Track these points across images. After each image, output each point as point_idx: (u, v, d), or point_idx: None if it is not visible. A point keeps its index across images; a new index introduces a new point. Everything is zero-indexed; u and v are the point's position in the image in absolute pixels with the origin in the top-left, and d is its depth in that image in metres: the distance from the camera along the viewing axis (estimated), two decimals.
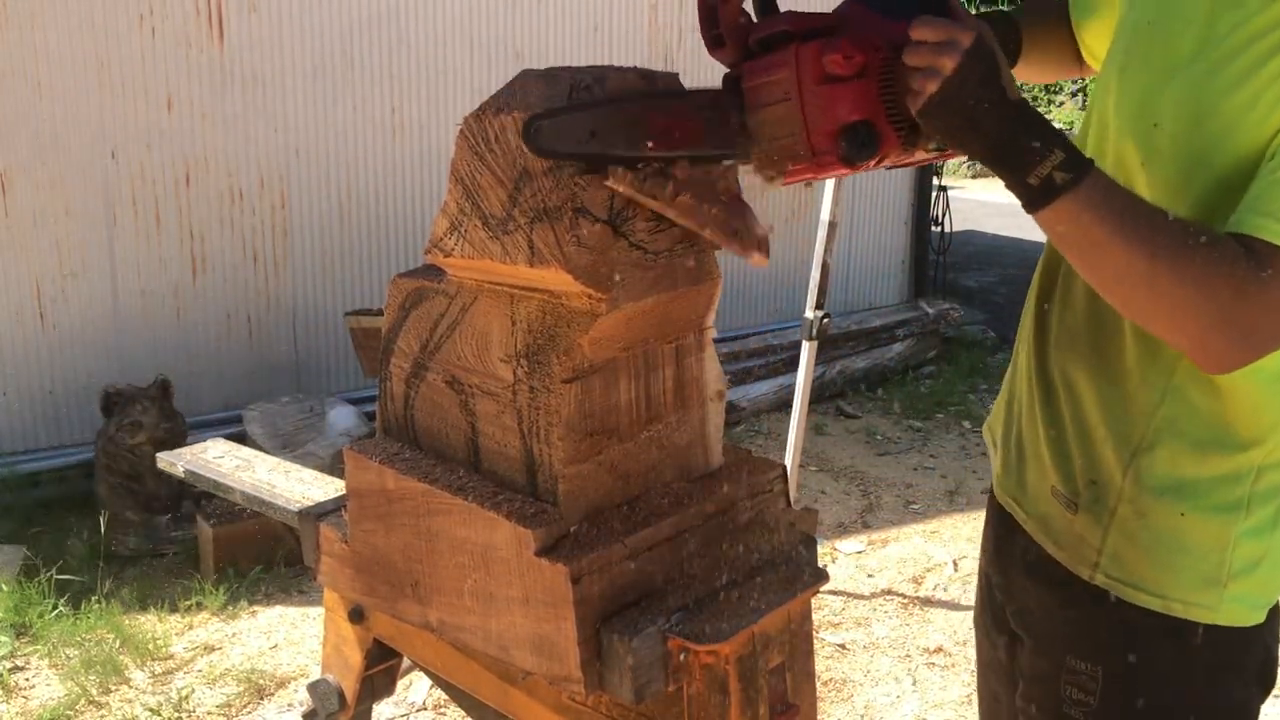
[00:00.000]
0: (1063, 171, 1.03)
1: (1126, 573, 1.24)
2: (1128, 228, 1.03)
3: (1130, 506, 1.22)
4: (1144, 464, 1.21)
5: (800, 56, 1.08)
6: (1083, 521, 1.27)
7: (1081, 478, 1.26)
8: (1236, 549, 1.20)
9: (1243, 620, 1.23)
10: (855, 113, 1.09)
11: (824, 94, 1.08)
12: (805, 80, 1.08)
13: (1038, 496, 1.34)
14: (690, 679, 1.21)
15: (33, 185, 3.96)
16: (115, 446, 3.75)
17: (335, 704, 1.70)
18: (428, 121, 4.76)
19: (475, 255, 1.20)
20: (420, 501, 1.32)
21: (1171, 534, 1.21)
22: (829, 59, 1.06)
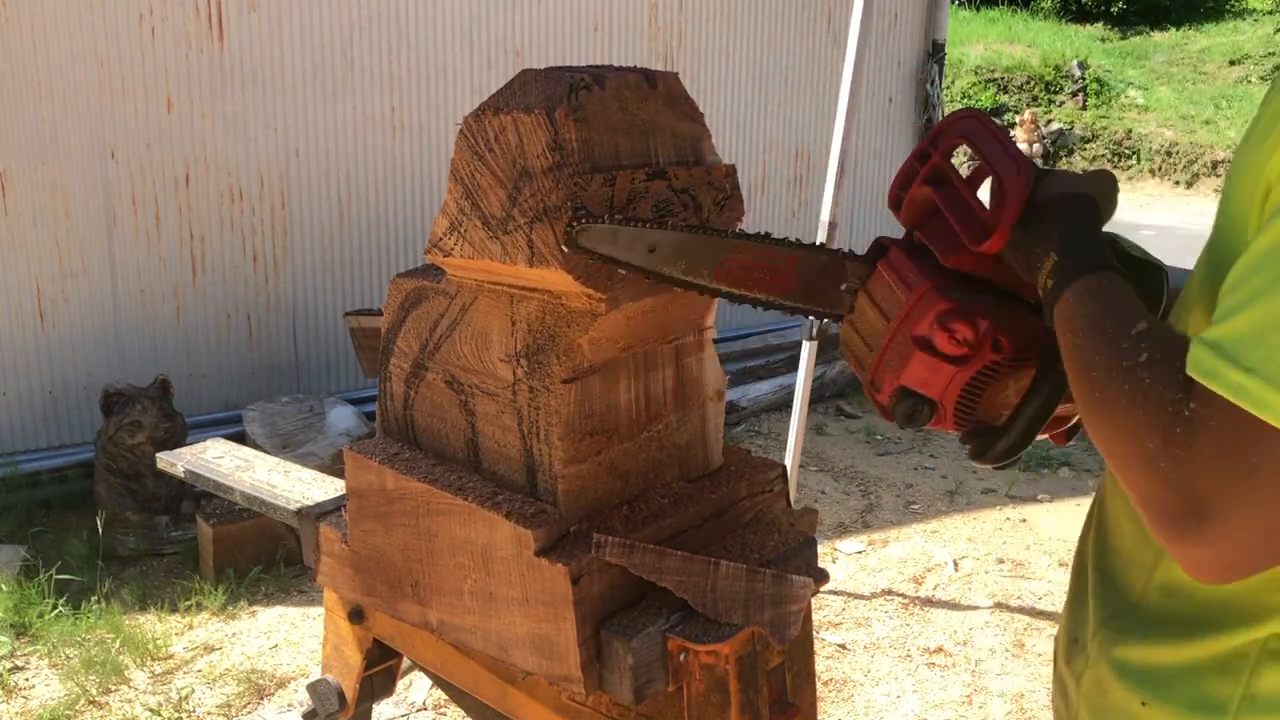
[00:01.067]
0: (1052, 277, 0.89)
1: None
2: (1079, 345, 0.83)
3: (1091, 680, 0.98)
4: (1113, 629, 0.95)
5: (922, 300, 0.96)
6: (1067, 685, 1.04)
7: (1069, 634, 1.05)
8: None
9: None
10: (925, 387, 0.98)
11: (911, 351, 0.97)
12: (908, 322, 0.97)
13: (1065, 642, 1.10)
14: (690, 679, 1.20)
15: (33, 185, 3.96)
16: (115, 446, 3.75)
17: (335, 704, 1.70)
18: (428, 121, 4.76)
19: (475, 255, 1.20)
20: (420, 501, 1.32)
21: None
22: (938, 330, 0.95)
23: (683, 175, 1.22)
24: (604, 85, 1.15)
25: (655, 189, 1.19)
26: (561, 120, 1.10)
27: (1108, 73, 15.69)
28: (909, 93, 6.58)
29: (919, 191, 0.99)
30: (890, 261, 1.00)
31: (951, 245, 0.96)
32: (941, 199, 0.96)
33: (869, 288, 1.02)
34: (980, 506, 4.46)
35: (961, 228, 0.94)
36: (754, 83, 5.80)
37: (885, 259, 1.01)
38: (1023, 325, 0.97)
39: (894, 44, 6.40)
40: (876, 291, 1.01)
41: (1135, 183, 14.05)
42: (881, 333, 0.99)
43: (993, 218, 0.93)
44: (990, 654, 3.30)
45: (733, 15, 5.62)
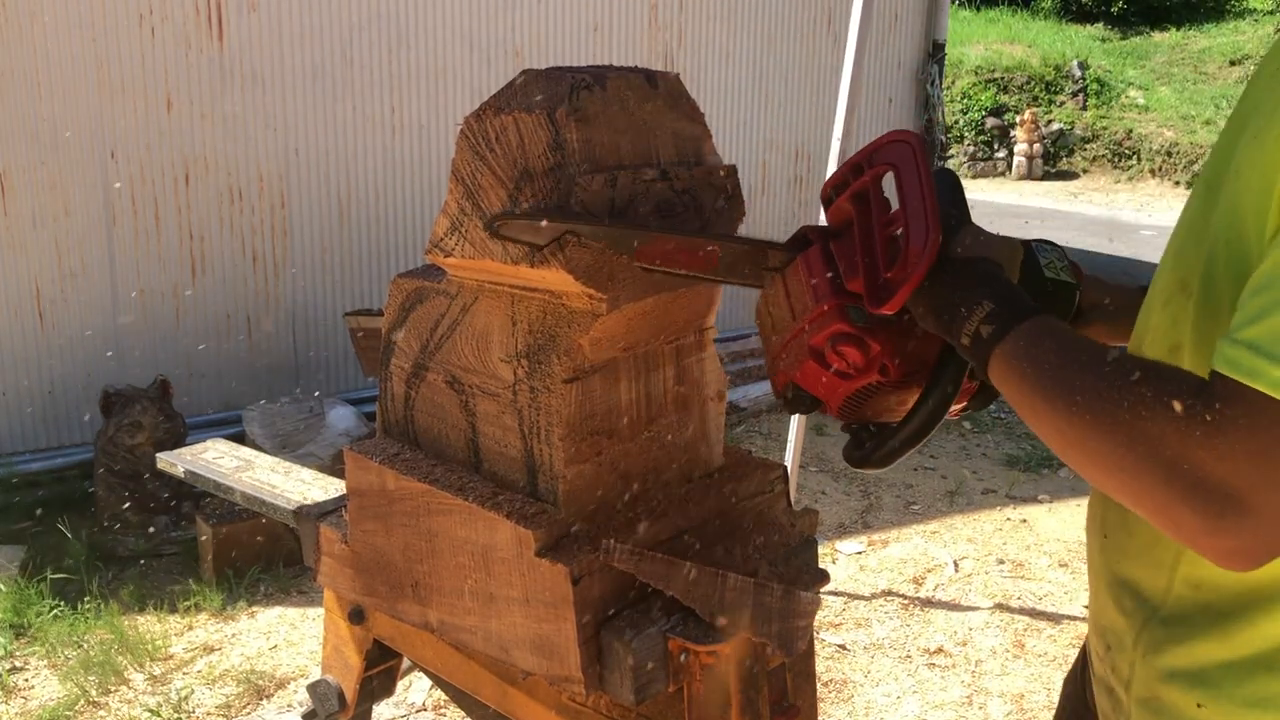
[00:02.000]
0: (989, 324, 0.89)
1: None
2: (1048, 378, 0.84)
3: (1142, 685, 0.97)
4: (1155, 634, 0.95)
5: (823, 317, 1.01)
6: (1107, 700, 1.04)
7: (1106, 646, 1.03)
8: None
9: None
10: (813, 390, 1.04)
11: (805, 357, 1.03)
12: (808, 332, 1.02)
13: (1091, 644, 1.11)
14: (691, 679, 1.20)
15: (32, 185, 3.96)
16: (115, 447, 3.75)
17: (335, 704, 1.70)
18: (428, 121, 4.76)
19: (476, 255, 1.20)
20: (420, 502, 1.32)
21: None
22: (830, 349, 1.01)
23: (684, 176, 1.22)
24: (605, 85, 1.14)
25: (656, 189, 1.18)
26: (563, 120, 1.10)
27: (1108, 73, 15.69)
28: (909, 93, 6.59)
29: (844, 204, 1.03)
30: (808, 260, 1.04)
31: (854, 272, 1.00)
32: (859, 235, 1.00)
33: (786, 274, 1.06)
34: (980, 507, 4.46)
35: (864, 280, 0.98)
36: (754, 83, 5.80)
37: (804, 255, 1.05)
38: (915, 348, 1.01)
39: (894, 44, 6.40)
40: (791, 283, 1.05)
41: (1135, 183, 14.04)
42: (787, 328, 1.05)
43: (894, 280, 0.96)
44: (990, 654, 3.29)
45: (733, 15, 5.62)
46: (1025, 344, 0.87)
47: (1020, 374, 0.86)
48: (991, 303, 0.90)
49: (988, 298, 0.91)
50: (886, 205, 1.01)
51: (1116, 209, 12.37)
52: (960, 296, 0.92)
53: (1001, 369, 0.89)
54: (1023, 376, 0.86)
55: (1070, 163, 14.67)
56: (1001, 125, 14.73)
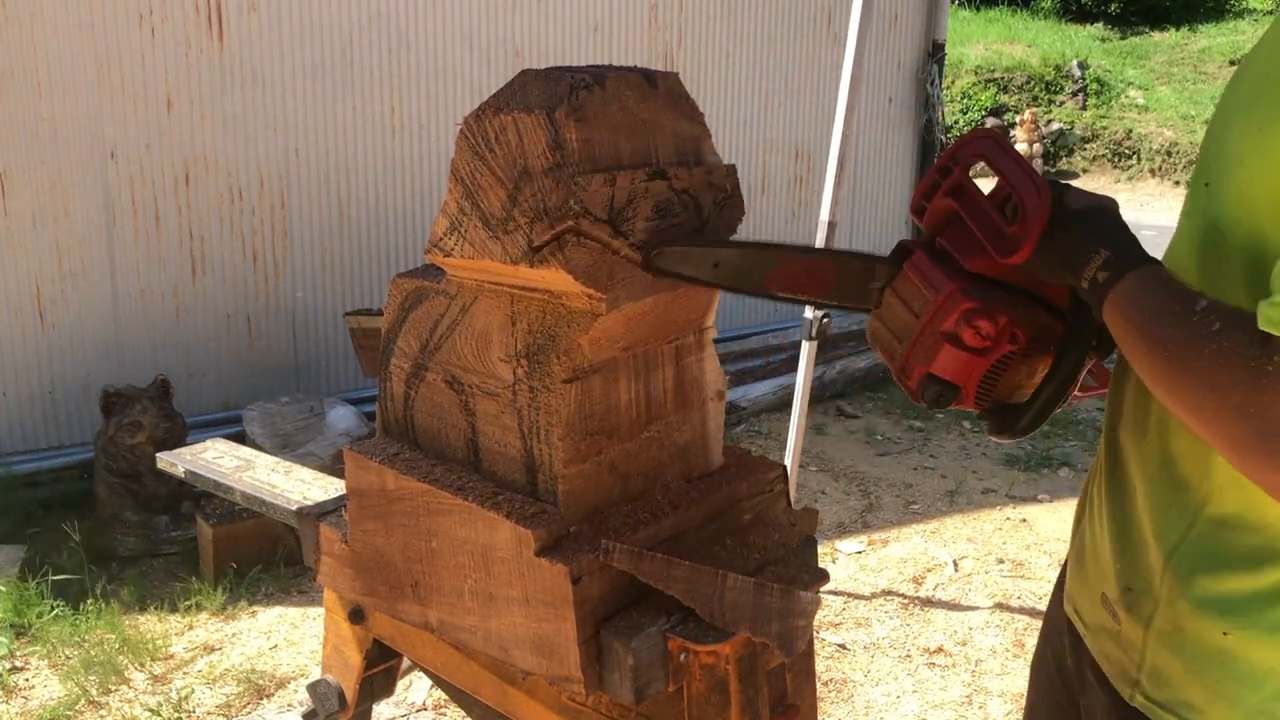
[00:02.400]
0: (1105, 270, 0.99)
1: (1167, 696, 1.08)
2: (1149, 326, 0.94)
3: (1167, 619, 1.07)
4: (1182, 568, 1.05)
5: (948, 300, 1.08)
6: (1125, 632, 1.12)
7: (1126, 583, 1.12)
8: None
9: None
10: (951, 374, 1.10)
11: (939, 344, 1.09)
12: (936, 320, 1.09)
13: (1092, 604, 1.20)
14: (690, 679, 1.20)
15: (32, 185, 3.96)
16: (115, 446, 3.75)
17: (335, 704, 1.70)
18: (428, 121, 4.76)
19: (475, 255, 1.20)
20: (420, 502, 1.32)
21: (1217, 656, 1.03)
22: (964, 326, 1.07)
23: (683, 175, 1.22)
24: (604, 85, 1.14)
25: (655, 189, 1.18)
26: (562, 120, 1.10)
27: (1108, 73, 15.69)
28: (909, 93, 6.58)
29: (941, 202, 1.10)
30: (915, 264, 1.12)
31: (971, 250, 1.08)
32: (968, 214, 1.07)
33: (896, 286, 1.13)
34: (980, 506, 4.46)
35: (990, 242, 1.05)
36: (754, 83, 5.80)
37: (910, 261, 1.12)
38: (1035, 319, 1.09)
39: (894, 44, 6.40)
40: (903, 290, 1.13)
41: (1135, 183, 14.04)
42: (910, 327, 1.11)
43: (1018, 233, 1.03)
44: (990, 654, 3.30)
45: (733, 15, 5.62)
46: (1133, 292, 0.96)
47: (1126, 319, 0.97)
48: (1107, 250, 0.99)
49: (1104, 245, 1.00)
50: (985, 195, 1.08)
51: None
52: (1080, 244, 1.01)
53: (1112, 313, 0.98)
54: (1127, 321, 0.96)
55: (1070, 162, 14.67)
56: (1001, 125, 14.73)
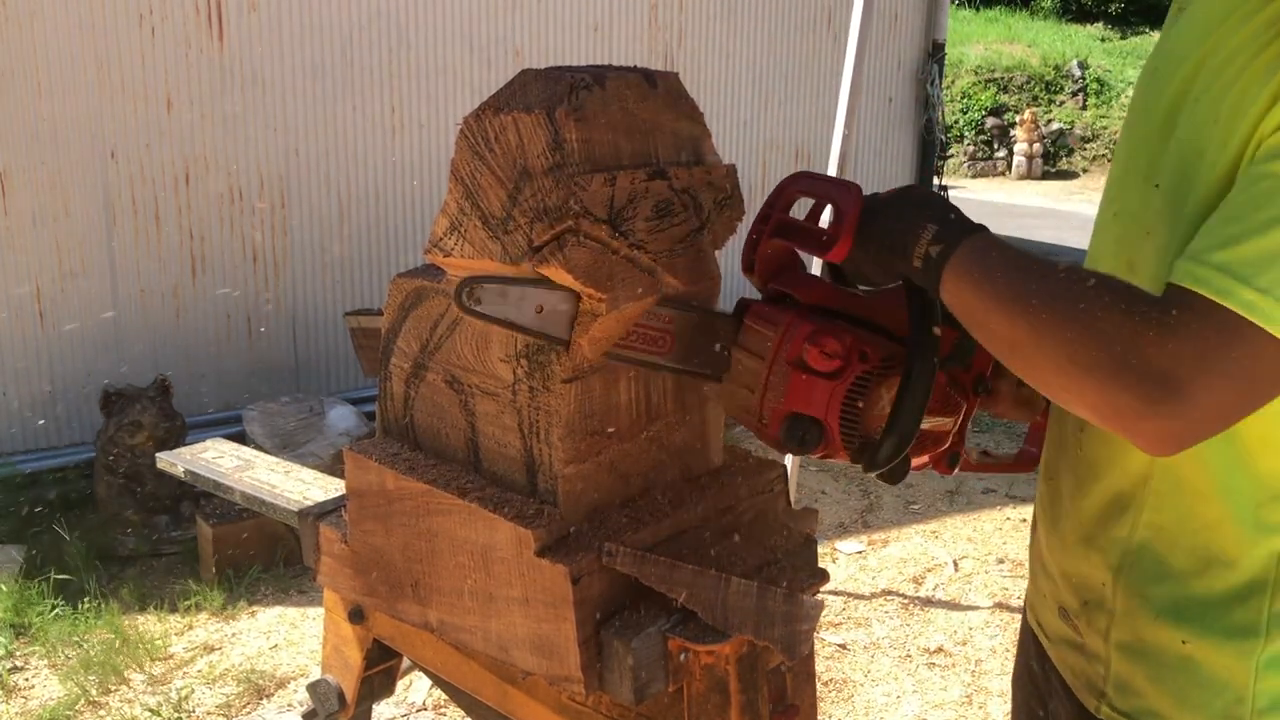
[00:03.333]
0: (936, 244, 0.95)
1: (1134, 705, 1.06)
2: (1002, 289, 0.90)
3: (1125, 630, 1.05)
4: (1131, 580, 1.03)
5: (789, 329, 1.05)
6: (1087, 644, 1.10)
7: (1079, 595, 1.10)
8: (1260, 682, 0.99)
9: None
10: (808, 407, 1.04)
11: (788, 375, 1.05)
12: (782, 353, 1.05)
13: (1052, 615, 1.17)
14: (690, 679, 1.20)
15: (32, 185, 3.96)
16: (115, 446, 3.75)
17: (335, 704, 1.70)
18: (428, 121, 4.76)
19: (475, 255, 1.20)
20: (420, 502, 1.32)
21: (1179, 664, 1.02)
22: (809, 348, 1.03)
23: (683, 175, 1.22)
24: (604, 85, 1.14)
25: (655, 189, 1.18)
26: (562, 120, 1.10)
27: (1108, 73, 15.69)
28: (909, 93, 6.58)
29: (768, 246, 1.10)
30: (755, 312, 1.10)
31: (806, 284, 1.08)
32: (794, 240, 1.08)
33: (741, 341, 1.11)
34: (980, 506, 4.46)
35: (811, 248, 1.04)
36: (754, 82, 5.80)
37: (749, 312, 1.11)
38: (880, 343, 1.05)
39: (894, 44, 6.39)
40: (749, 342, 1.10)
41: None
42: (760, 374, 1.07)
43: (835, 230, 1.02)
44: (990, 654, 3.30)
45: (733, 15, 5.61)
46: (974, 257, 0.93)
47: (973, 284, 0.92)
48: (934, 224, 0.96)
49: (929, 220, 0.96)
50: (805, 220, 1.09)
51: None
52: (903, 225, 0.98)
53: (954, 285, 0.94)
54: (976, 286, 0.92)
55: (1070, 162, 14.67)
56: (1001, 125, 14.73)
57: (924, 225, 0.97)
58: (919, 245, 0.96)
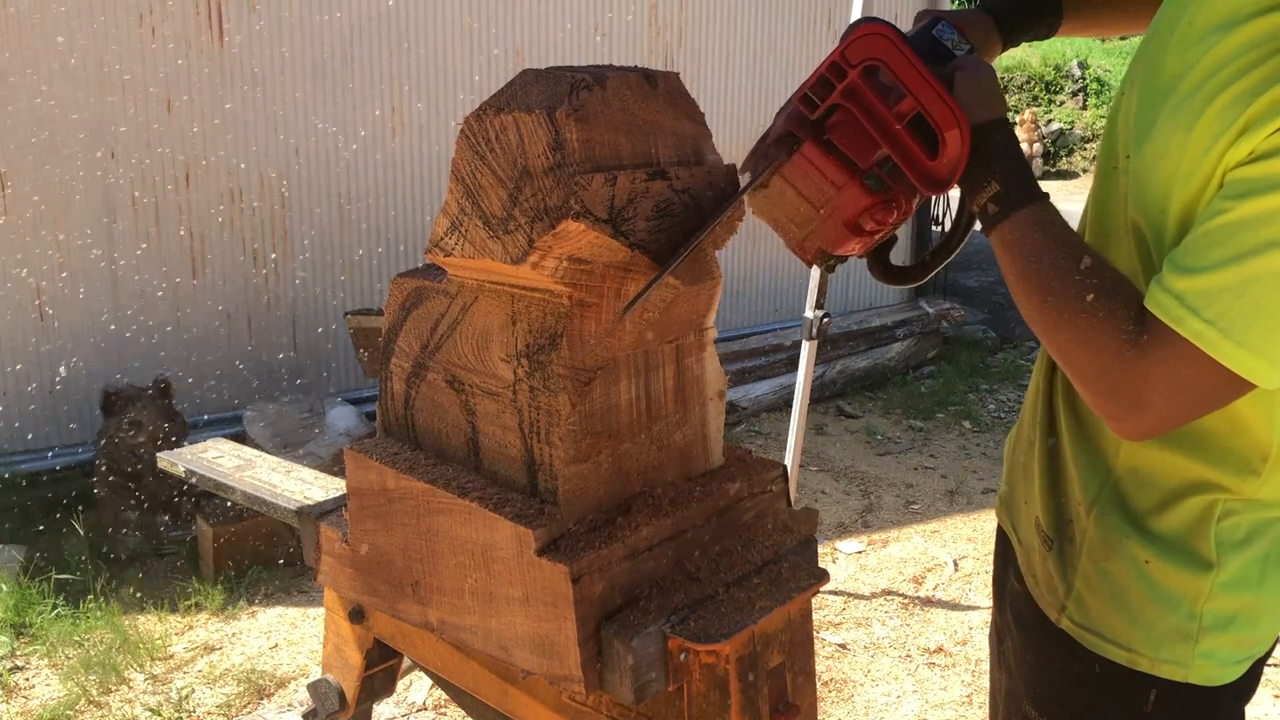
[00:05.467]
0: (995, 204, 1.09)
1: (1091, 620, 1.19)
2: (1031, 270, 1.06)
3: (1093, 551, 1.19)
4: (1106, 507, 1.18)
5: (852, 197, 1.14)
6: (1054, 562, 1.23)
7: (1057, 515, 1.24)
8: (1210, 602, 1.13)
9: (1213, 679, 1.16)
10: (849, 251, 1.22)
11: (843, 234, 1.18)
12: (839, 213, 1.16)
13: (1026, 525, 1.31)
14: (690, 679, 1.21)
15: (33, 185, 3.96)
16: (115, 446, 3.75)
17: (335, 704, 1.70)
18: (428, 121, 4.76)
19: (476, 255, 1.20)
20: (420, 501, 1.32)
21: (1137, 583, 1.15)
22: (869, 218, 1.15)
23: (684, 175, 1.22)
24: (604, 85, 1.15)
25: (656, 189, 1.19)
26: (562, 120, 1.10)
27: (1108, 73, 15.69)
28: None
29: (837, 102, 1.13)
30: (808, 155, 1.16)
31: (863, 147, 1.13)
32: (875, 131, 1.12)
33: (785, 173, 1.17)
34: (980, 506, 4.46)
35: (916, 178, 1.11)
36: (754, 83, 5.80)
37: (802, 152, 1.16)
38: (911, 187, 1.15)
39: None
40: (795, 178, 1.17)
41: None
42: (808, 217, 1.19)
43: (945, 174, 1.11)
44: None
45: (733, 15, 5.61)
46: (1020, 233, 1.08)
47: (1012, 258, 1.08)
48: (999, 184, 1.08)
49: (996, 177, 1.09)
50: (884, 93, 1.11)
51: None
52: (978, 171, 1.10)
53: (1000, 247, 1.10)
54: (1014, 260, 1.08)
55: (1070, 162, 14.66)
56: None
57: (990, 180, 1.09)
58: (982, 195, 1.10)
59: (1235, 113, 0.97)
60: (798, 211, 1.19)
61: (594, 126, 1.13)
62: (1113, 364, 1.00)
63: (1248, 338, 0.95)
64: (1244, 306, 0.94)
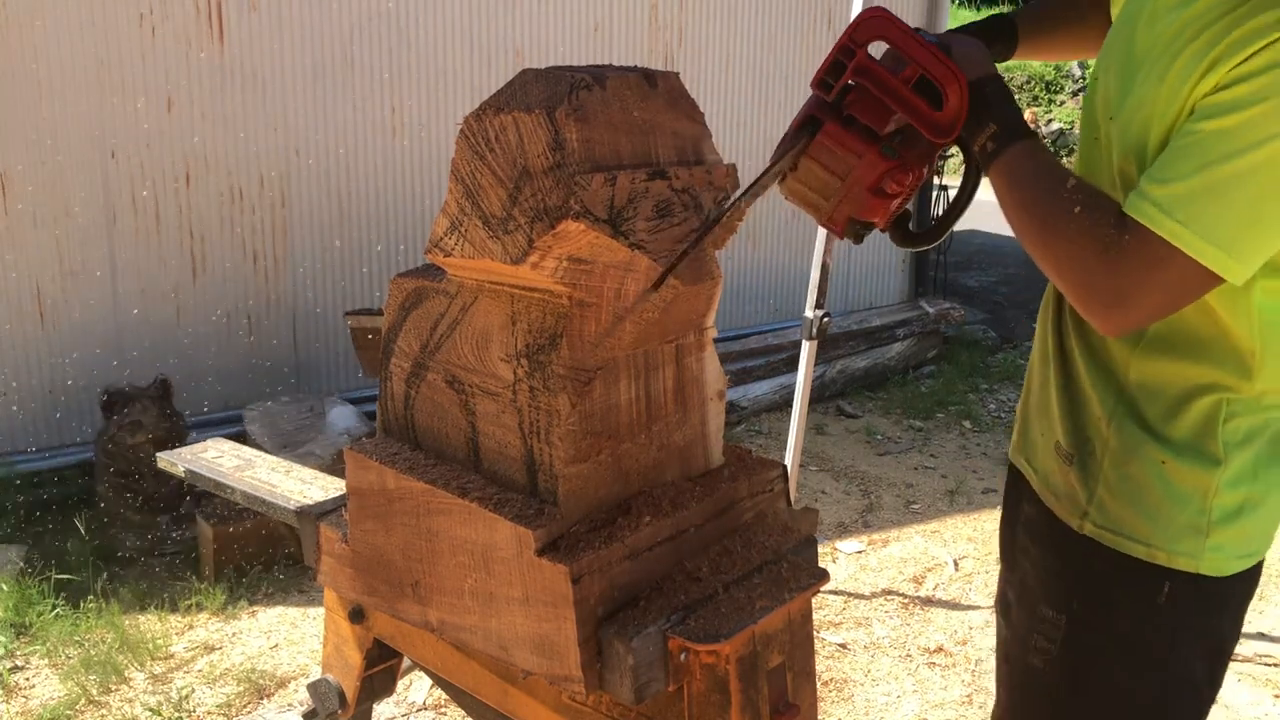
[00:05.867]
0: (993, 142, 1.26)
1: (1112, 521, 1.32)
2: (1026, 194, 1.23)
3: (1114, 458, 1.32)
4: (1123, 419, 1.31)
5: (872, 164, 1.29)
6: (1075, 474, 1.36)
7: (1077, 434, 1.37)
8: (1217, 497, 1.27)
9: (1221, 570, 1.29)
10: (875, 218, 1.34)
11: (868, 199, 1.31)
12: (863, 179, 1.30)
13: (1044, 453, 1.43)
14: (690, 679, 1.21)
15: (33, 185, 3.96)
16: (116, 446, 3.75)
17: (335, 704, 1.70)
18: (428, 121, 4.76)
19: (475, 255, 1.20)
20: (420, 501, 1.32)
21: (1155, 483, 1.29)
22: (889, 181, 1.30)
23: (683, 175, 1.22)
24: (604, 85, 1.15)
25: (656, 189, 1.19)
26: (562, 120, 1.10)
27: None
28: None
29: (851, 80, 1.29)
30: (830, 133, 1.30)
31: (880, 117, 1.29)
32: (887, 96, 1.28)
33: (812, 153, 1.31)
34: (981, 506, 4.46)
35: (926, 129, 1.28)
36: (754, 83, 5.80)
37: (824, 131, 1.30)
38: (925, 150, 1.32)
39: None
40: (821, 156, 1.31)
41: None
42: (834, 188, 1.32)
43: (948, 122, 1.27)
44: (990, 654, 3.29)
45: (733, 15, 5.61)
46: (1015, 163, 1.25)
47: (1006, 185, 1.25)
48: (995, 124, 1.26)
49: (993, 120, 1.26)
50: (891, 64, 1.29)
51: None
52: (977, 118, 1.27)
53: (996, 177, 1.27)
54: (1010, 188, 1.25)
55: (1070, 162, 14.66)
56: None
57: (988, 123, 1.26)
58: (982, 137, 1.27)
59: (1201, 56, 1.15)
60: (825, 185, 1.32)
61: (594, 126, 1.13)
62: (1097, 265, 1.15)
63: (1215, 235, 1.10)
64: (1211, 208, 1.10)
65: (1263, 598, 3.73)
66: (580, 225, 1.10)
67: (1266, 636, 3.46)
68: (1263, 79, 1.09)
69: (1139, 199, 1.14)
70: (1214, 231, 1.10)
